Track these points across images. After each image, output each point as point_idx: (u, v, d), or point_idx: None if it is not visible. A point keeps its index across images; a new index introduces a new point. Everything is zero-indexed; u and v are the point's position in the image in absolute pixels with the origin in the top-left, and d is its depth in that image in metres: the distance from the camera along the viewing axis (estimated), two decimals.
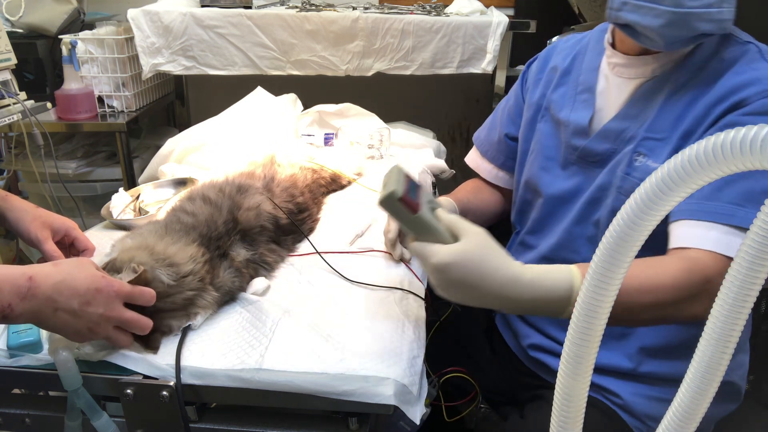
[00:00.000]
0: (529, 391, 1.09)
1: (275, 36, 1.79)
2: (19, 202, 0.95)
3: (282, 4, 1.96)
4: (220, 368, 0.71)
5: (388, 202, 0.69)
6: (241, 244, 0.92)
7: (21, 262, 1.79)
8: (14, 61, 1.41)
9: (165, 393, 0.70)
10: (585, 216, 0.97)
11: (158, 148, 1.46)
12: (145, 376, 0.72)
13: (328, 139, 1.55)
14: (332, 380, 0.69)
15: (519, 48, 2.05)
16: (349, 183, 1.36)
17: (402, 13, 1.85)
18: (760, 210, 0.38)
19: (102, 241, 1.03)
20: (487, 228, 0.73)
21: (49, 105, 1.57)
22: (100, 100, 1.80)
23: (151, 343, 0.74)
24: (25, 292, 0.64)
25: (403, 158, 1.56)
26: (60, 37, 1.74)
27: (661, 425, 0.47)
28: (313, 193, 1.19)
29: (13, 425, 0.79)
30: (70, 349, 0.71)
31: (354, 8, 1.90)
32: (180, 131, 1.50)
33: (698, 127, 0.86)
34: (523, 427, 1.01)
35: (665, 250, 0.88)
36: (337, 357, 0.73)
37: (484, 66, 1.86)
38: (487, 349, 1.19)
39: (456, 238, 0.71)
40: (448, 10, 1.96)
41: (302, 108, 1.65)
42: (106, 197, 1.25)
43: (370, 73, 1.87)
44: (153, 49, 1.77)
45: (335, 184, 1.32)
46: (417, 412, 0.70)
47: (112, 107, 1.82)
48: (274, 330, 0.79)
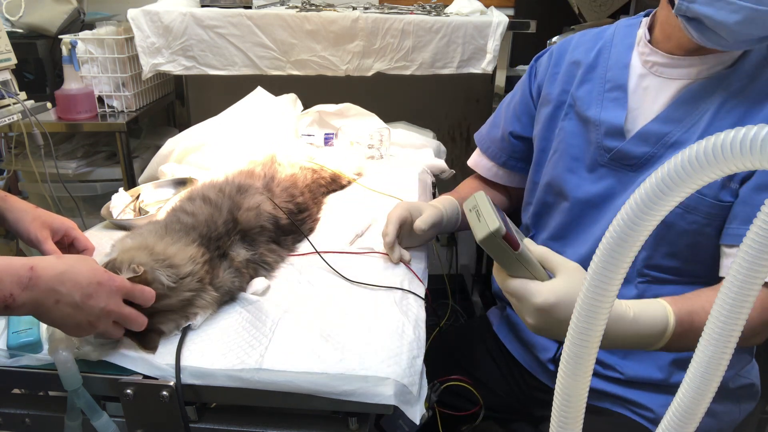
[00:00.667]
0: (544, 408, 1.07)
1: (275, 36, 1.79)
2: (19, 203, 0.95)
3: (282, 4, 1.96)
4: (220, 368, 0.71)
5: (491, 241, 0.65)
6: (241, 244, 0.92)
7: None
8: (14, 61, 1.41)
9: (165, 393, 0.70)
10: None
11: (158, 148, 1.46)
12: (145, 376, 0.72)
13: (328, 139, 1.55)
14: (332, 380, 0.69)
15: (519, 48, 2.05)
16: (349, 183, 1.36)
17: (402, 13, 1.85)
18: None
19: (102, 241, 1.03)
20: None
21: (49, 105, 1.57)
22: (100, 100, 1.80)
23: (149, 343, 0.74)
24: (26, 282, 0.64)
25: (403, 158, 1.56)
26: (60, 37, 1.73)
27: (661, 425, 0.47)
28: (313, 193, 1.19)
29: (13, 425, 0.79)
30: (70, 349, 0.71)
31: (354, 8, 1.90)
32: (180, 131, 1.50)
33: None
34: None
35: (676, 245, 0.88)
36: (337, 357, 0.73)
37: (484, 66, 1.86)
38: (493, 365, 1.16)
39: (550, 271, 0.69)
40: (448, 10, 1.96)
41: (302, 108, 1.65)
42: (106, 197, 1.25)
43: (370, 73, 1.87)
44: (153, 49, 1.77)
45: (335, 184, 1.32)
46: (417, 412, 0.70)
47: (112, 107, 1.82)
48: (274, 330, 0.79)
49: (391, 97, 2.18)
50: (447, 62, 1.86)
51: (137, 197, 1.26)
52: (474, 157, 1.25)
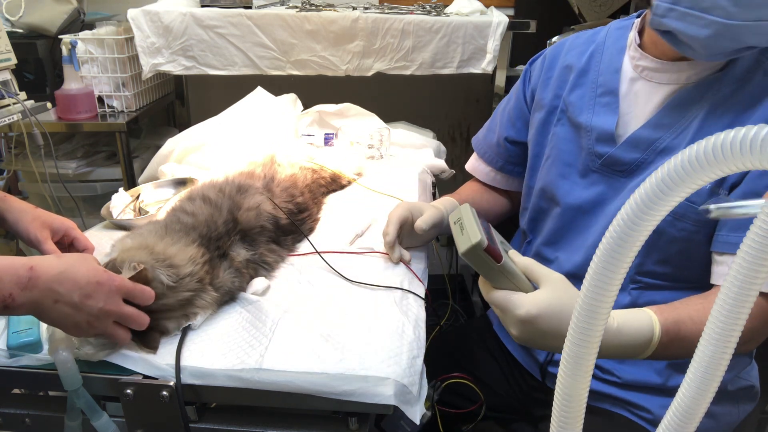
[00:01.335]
0: (544, 408, 1.07)
1: (275, 36, 1.79)
2: (18, 203, 0.95)
3: (282, 4, 1.96)
4: (220, 368, 0.71)
5: (473, 254, 0.66)
6: (241, 244, 0.92)
7: None
8: (14, 61, 1.41)
9: (165, 393, 0.70)
10: None
11: (158, 148, 1.46)
12: (145, 376, 0.72)
13: (328, 139, 1.55)
14: (332, 380, 0.69)
15: (519, 48, 2.05)
16: (349, 183, 1.36)
17: (402, 13, 1.85)
18: None
19: (102, 241, 1.03)
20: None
21: (49, 105, 1.57)
22: (100, 100, 1.80)
23: (149, 342, 0.74)
24: (25, 282, 0.64)
25: (403, 158, 1.56)
26: (60, 37, 1.73)
27: (661, 425, 0.47)
28: (313, 193, 1.19)
29: (13, 425, 0.79)
30: (70, 349, 0.71)
31: (354, 8, 1.90)
32: (180, 131, 1.50)
33: None
34: None
35: (666, 252, 0.88)
36: (337, 357, 0.73)
37: (484, 66, 1.86)
38: (493, 365, 1.17)
39: (533, 282, 0.70)
40: (448, 10, 1.96)
41: (302, 108, 1.65)
42: (106, 197, 1.25)
43: (370, 73, 1.87)
44: (153, 49, 1.77)
45: (335, 184, 1.32)
46: (417, 412, 0.70)
47: (112, 107, 1.82)
48: (274, 330, 0.79)
49: (391, 97, 2.18)
50: (447, 62, 1.86)
51: (137, 197, 1.26)
52: (471, 161, 1.25)
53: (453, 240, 0.71)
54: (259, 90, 1.61)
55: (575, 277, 0.99)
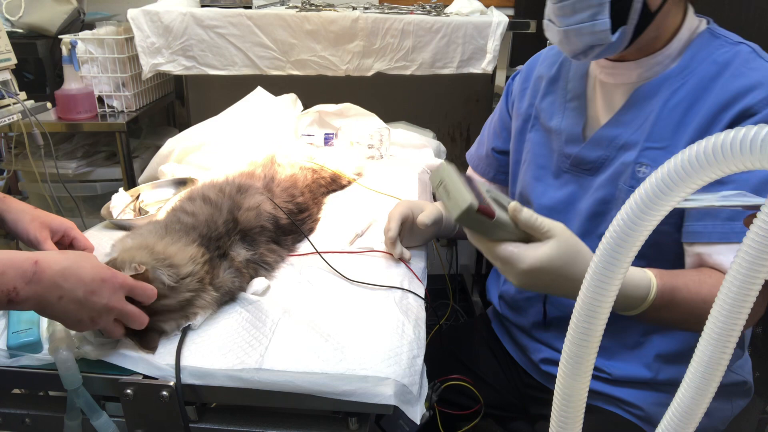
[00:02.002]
0: (540, 405, 1.08)
1: (275, 36, 1.79)
2: (17, 204, 0.95)
3: (282, 4, 1.96)
4: (220, 368, 0.71)
5: (467, 218, 0.64)
6: (241, 244, 0.92)
7: None
8: (14, 61, 1.41)
9: (165, 393, 0.70)
10: (590, 230, 0.95)
11: (158, 148, 1.46)
12: (145, 376, 0.72)
13: (328, 139, 1.55)
14: (332, 380, 0.69)
15: (519, 48, 2.05)
16: (349, 183, 1.36)
17: (402, 13, 1.85)
18: None
19: (102, 241, 1.04)
20: None
21: (49, 105, 1.57)
22: (100, 100, 1.80)
23: (148, 342, 0.74)
24: (30, 276, 0.63)
25: (403, 158, 1.56)
26: (60, 37, 1.73)
27: (660, 425, 0.47)
28: (313, 193, 1.19)
29: (13, 425, 0.79)
30: (71, 349, 0.71)
31: (354, 8, 1.90)
32: (180, 131, 1.50)
33: (705, 135, 0.85)
34: None
35: (666, 253, 0.89)
36: (337, 357, 0.73)
37: (484, 66, 1.86)
38: (493, 362, 1.18)
39: (537, 233, 0.69)
40: (448, 10, 1.96)
41: (302, 108, 1.65)
42: (106, 197, 1.25)
43: (370, 73, 1.87)
44: (153, 49, 1.77)
45: (335, 184, 1.32)
46: (417, 412, 0.70)
47: (112, 107, 1.82)
48: (274, 330, 0.79)
49: (391, 97, 2.18)
50: (447, 62, 1.86)
51: (137, 197, 1.26)
52: (468, 173, 1.30)
53: (453, 240, 0.70)
54: (259, 90, 1.61)
55: None
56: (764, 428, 1.13)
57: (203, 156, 1.44)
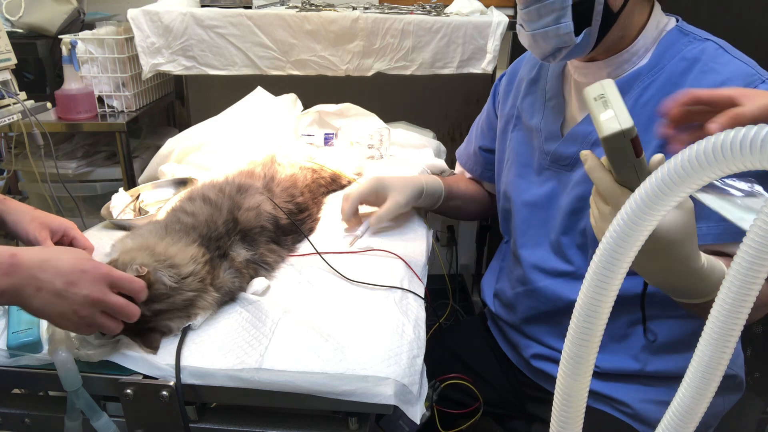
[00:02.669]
0: (535, 404, 1.09)
1: (275, 36, 1.79)
2: (17, 204, 0.95)
3: (282, 4, 1.96)
4: (220, 368, 0.71)
5: (617, 141, 0.56)
6: (241, 244, 0.92)
7: None
8: (14, 61, 1.41)
9: (165, 393, 0.70)
10: (570, 226, 0.98)
11: (158, 148, 1.46)
12: (145, 376, 0.72)
13: (328, 139, 1.55)
14: (332, 380, 0.69)
15: (519, 48, 2.04)
16: (349, 183, 1.36)
17: (402, 13, 1.85)
18: None
19: (102, 242, 1.03)
20: (481, 228, 0.72)
21: (49, 105, 1.57)
22: (100, 100, 1.80)
23: (150, 343, 0.74)
24: (6, 267, 0.63)
25: (403, 158, 1.56)
26: (60, 37, 1.73)
27: (660, 425, 0.47)
28: (313, 193, 1.19)
29: (13, 425, 0.79)
30: (70, 350, 0.71)
31: (354, 8, 1.90)
32: (180, 131, 1.50)
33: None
34: None
35: None
36: (337, 357, 0.73)
37: (484, 66, 1.86)
38: (492, 360, 1.18)
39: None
40: (448, 10, 1.95)
41: (302, 108, 1.65)
42: (106, 197, 1.25)
43: (370, 73, 1.87)
44: (153, 49, 1.77)
45: (335, 184, 1.32)
46: (417, 412, 0.70)
47: (112, 107, 1.81)
48: (274, 330, 0.79)
49: (391, 97, 2.17)
50: (447, 62, 1.86)
51: (137, 197, 1.26)
52: (456, 170, 1.36)
53: (453, 240, 0.70)
54: (259, 90, 1.61)
55: (540, 269, 1.03)
56: (764, 428, 1.13)
57: (203, 156, 1.43)
